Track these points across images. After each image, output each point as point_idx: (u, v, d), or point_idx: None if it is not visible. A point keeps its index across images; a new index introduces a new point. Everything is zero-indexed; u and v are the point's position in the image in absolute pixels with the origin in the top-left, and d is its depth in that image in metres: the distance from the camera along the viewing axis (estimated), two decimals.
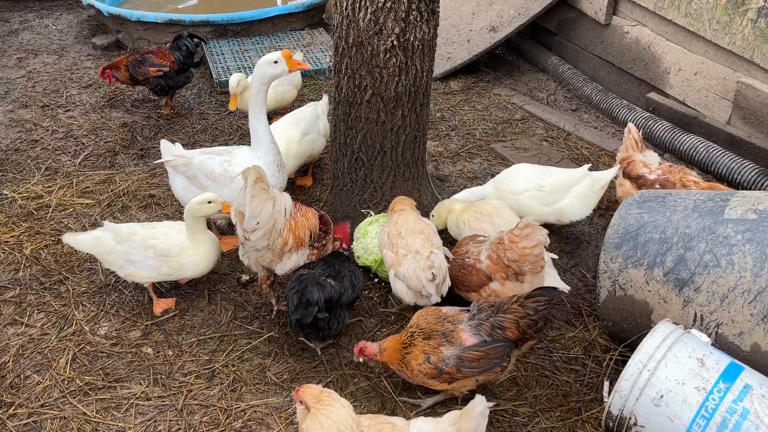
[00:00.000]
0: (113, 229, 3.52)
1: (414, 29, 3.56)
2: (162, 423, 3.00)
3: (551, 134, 5.35)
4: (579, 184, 3.93)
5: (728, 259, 2.88)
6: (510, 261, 3.22)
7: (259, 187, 3.11)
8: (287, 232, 3.29)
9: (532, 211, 3.92)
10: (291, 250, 3.34)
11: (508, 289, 3.29)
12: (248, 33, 6.72)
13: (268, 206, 3.16)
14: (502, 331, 2.84)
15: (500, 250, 3.26)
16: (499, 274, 3.28)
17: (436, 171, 4.79)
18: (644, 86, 5.70)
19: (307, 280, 3.18)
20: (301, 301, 3.10)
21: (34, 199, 4.42)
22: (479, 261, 3.33)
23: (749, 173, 4.57)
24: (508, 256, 3.23)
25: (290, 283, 3.24)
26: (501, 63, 6.57)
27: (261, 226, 3.16)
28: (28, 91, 5.81)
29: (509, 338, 2.85)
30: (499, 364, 2.86)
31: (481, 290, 3.35)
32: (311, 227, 3.41)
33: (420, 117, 3.90)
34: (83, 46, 6.70)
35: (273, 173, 3.79)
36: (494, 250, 3.28)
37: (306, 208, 3.47)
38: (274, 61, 3.65)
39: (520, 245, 3.19)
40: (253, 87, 3.73)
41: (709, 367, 2.66)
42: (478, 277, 3.33)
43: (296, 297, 3.12)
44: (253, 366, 3.30)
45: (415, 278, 3.24)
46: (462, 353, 2.84)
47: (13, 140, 5.08)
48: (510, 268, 3.25)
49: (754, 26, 4.64)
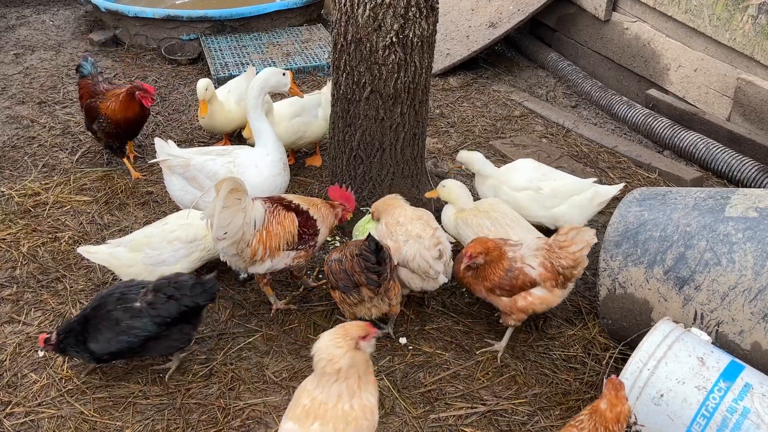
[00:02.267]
0: (125, 242, 3.51)
1: (413, 26, 3.54)
2: (160, 422, 2.99)
3: (550, 131, 5.33)
4: (580, 194, 3.85)
5: (729, 257, 2.86)
6: (564, 268, 3.17)
7: (233, 197, 3.11)
8: (257, 242, 3.25)
9: (527, 210, 3.87)
10: (262, 259, 3.31)
11: (556, 296, 3.24)
12: (246, 29, 6.69)
13: (237, 218, 3.15)
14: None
15: (553, 258, 3.19)
16: (549, 282, 3.20)
17: (435, 168, 4.77)
18: (644, 83, 5.68)
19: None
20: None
21: (31, 196, 4.40)
22: (530, 267, 3.20)
23: (749, 170, 4.55)
24: (562, 263, 3.17)
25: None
26: (500, 59, 6.55)
27: (228, 237, 3.16)
28: (25, 87, 5.78)
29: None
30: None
31: (518, 296, 3.23)
32: (287, 237, 3.32)
33: (419, 114, 3.88)
34: (80, 42, 6.67)
35: (279, 171, 3.81)
36: (547, 258, 3.19)
37: (285, 214, 3.35)
38: (283, 73, 3.85)
39: (571, 250, 3.16)
40: (253, 92, 3.74)
41: (709, 366, 2.65)
42: (523, 281, 3.20)
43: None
44: (251, 364, 3.29)
45: (419, 259, 3.23)
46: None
47: (10, 137, 5.05)
48: (561, 276, 3.19)
49: (755, 23, 4.62)
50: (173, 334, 3.10)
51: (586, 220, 3.91)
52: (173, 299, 3.04)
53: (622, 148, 5.05)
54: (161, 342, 3.10)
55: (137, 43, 6.56)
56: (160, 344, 3.11)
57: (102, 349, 3.04)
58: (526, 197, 3.89)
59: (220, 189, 3.05)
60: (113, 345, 3.03)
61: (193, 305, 3.07)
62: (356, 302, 3.21)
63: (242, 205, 3.17)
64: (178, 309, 3.04)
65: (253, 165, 3.76)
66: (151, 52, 6.44)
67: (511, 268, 3.20)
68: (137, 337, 3.02)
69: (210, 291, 3.12)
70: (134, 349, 3.07)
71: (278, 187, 3.81)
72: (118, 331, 3.02)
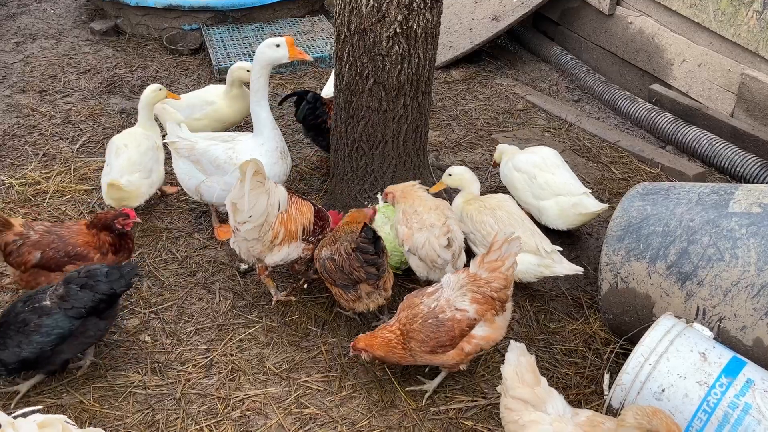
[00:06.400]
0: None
1: (417, 17, 3.52)
2: (160, 412, 2.99)
3: (553, 125, 5.31)
4: (567, 197, 3.83)
5: (732, 252, 2.85)
6: (498, 292, 2.85)
7: (255, 180, 3.11)
8: (279, 225, 3.27)
9: (519, 193, 3.98)
10: (281, 243, 3.32)
11: (499, 327, 2.92)
12: (248, 19, 6.66)
13: (262, 200, 3.17)
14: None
15: (482, 287, 2.85)
16: (489, 313, 2.86)
17: (437, 161, 4.75)
18: (647, 77, 5.65)
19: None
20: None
21: (32, 185, 4.38)
22: (461, 311, 2.84)
23: (752, 166, 4.54)
24: (494, 287, 2.85)
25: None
26: (503, 53, 6.52)
27: (253, 219, 3.17)
28: (26, 76, 5.75)
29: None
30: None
31: (462, 345, 2.87)
32: (305, 222, 3.37)
33: (422, 106, 3.86)
34: (81, 31, 6.63)
35: (276, 160, 3.77)
36: (476, 290, 2.85)
37: (302, 202, 3.43)
38: (276, 44, 3.65)
39: (502, 270, 2.86)
40: (253, 71, 3.69)
41: (711, 362, 2.64)
42: (461, 329, 2.84)
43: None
44: (251, 355, 3.28)
45: (428, 247, 3.22)
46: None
47: (11, 126, 5.03)
48: (497, 301, 2.86)
49: (760, 18, 4.60)
50: (89, 329, 2.95)
51: (565, 226, 3.89)
52: (87, 288, 2.90)
53: (624, 142, 5.03)
54: (77, 339, 2.93)
55: (138, 33, 6.52)
56: (76, 342, 2.94)
57: (11, 357, 2.84)
58: (521, 180, 3.97)
59: (246, 170, 3.05)
60: (25, 349, 2.84)
61: (110, 292, 2.92)
62: (354, 299, 3.19)
63: (266, 187, 3.19)
64: (93, 298, 2.90)
65: (249, 155, 3.74)
66: (152, 42, 6.41)
67: (441, 322, 2.84)
68: (49, 336, 2.85)
69: (128, 276, 2.97)
70: (48, 352, 2.88)
71: (276, 176, 3.79)
72: (27, 332, 2.84)
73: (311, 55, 6.00)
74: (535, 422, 2.40)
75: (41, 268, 3.21)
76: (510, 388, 2.50)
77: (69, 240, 3.23)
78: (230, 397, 3.06)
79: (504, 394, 2.53)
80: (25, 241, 3.20)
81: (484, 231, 3.57)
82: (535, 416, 2.42)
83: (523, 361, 2.53)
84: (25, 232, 3.23)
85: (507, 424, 2.50)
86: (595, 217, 3.85)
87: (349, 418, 2.99)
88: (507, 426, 2.51)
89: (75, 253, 3.21)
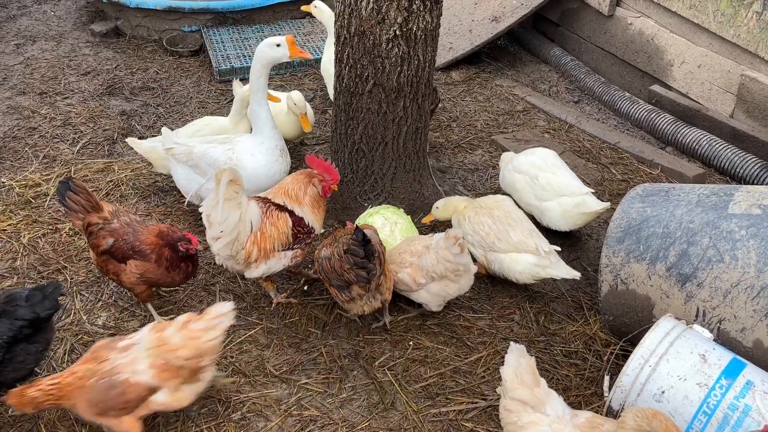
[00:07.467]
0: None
1: (417, 19, 3.52)
2: (159, 413, 2.99)
3: (553, 126, 5.32)
4: (570, 197, 3.82)
5: (732, 254, 2.85)
6: (187, 360, 2.62)
7: (231, 189, 3.07)
8: (251, 245, 3.22)
9: (520, 195, 3.96)
10: (257, 260, 3.27)
11: (185, 396, 2.68)
12: (249, 21, 6.66)
13: (234, 214, 3.12)
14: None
15: (167, 354, 2.61)
16: (173, 382, 2.63)
17: (437, 162, 4.75)
18: (647, 78, 5.66)
19: None
20: None
21: (32, 187, 4.39)
22: (138, 374, 2.60)
23: (752, 167, 4.54)
24: (180, 355, 2.61)
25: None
26: (503, 54, 6.52)
27: (225, 234, 3.13)
28: (26, 78, 5.76)
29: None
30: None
31: (138, 411, 2.63)
32: (281, 236, 3.28)
33: (422, 108, 3.87)
34: (82, 33, 6.64)
35: (276, 158, 3.78)
36: (159, 355, 2.61)
37: (278, 215, 3.30)
38: (277, 44, 3.64)
39: (204, 338, 2.64)
40: (253, 71, 3.70)
41: (711, 363, 2.64)
42: (137, 393, 2.60)
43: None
44: (251, 357, 3.28)
45: (442, 262, 3.18)
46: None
47: (11, 128, 5.03)
48: (186, 370, 2.63)
49: (759, 19, 4.60)
50: (17, 356, 2.64)
51: (567, 227, 3.89)
52: (5, 316, 2.61)
53: (624, 144, 5.03)
54: (5, 368, 2.64)
55: (139, 35, 6.53)
56: (4, 371, 2.65)
57: None
58: (522, 181, 3.95)
59: (221, 178, 3.02)
60: None
61: (32, 317, 2.63)
62: (348, 300, 3.19)
63: (238, 200, 3.14)
64: (12, 326, 2.60)
65: (249, 153, 3.75)
66: (152, 44, 6.41)
67: (113, 384, 2.59)
68: None
69: (52, 297, 2.70)
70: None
71: (277, 173, 3.79)
72: None
73: (311, 57, 6.03)
74: (534, 423, 2.40)
75: (110, 255, 3.24)
76: (509, 389, 2.50)
77: (139, 236, 3.24)
78: (230, 398, 3.07)
79: (503, 396, 2.54)
80: (105, 226, 3.25)
81: (482, 232, 3.58)
82: (534, 417, 2.42)
83: (522, 363, 2.53)
84: (109, 218, 3.29)
85: (506, 426, 2.51)
86: (597, 216, 3.85)
87: (349, 420, 2.99)
88: (506, 427, 2.51)
89: (139, 250, 3.21)
